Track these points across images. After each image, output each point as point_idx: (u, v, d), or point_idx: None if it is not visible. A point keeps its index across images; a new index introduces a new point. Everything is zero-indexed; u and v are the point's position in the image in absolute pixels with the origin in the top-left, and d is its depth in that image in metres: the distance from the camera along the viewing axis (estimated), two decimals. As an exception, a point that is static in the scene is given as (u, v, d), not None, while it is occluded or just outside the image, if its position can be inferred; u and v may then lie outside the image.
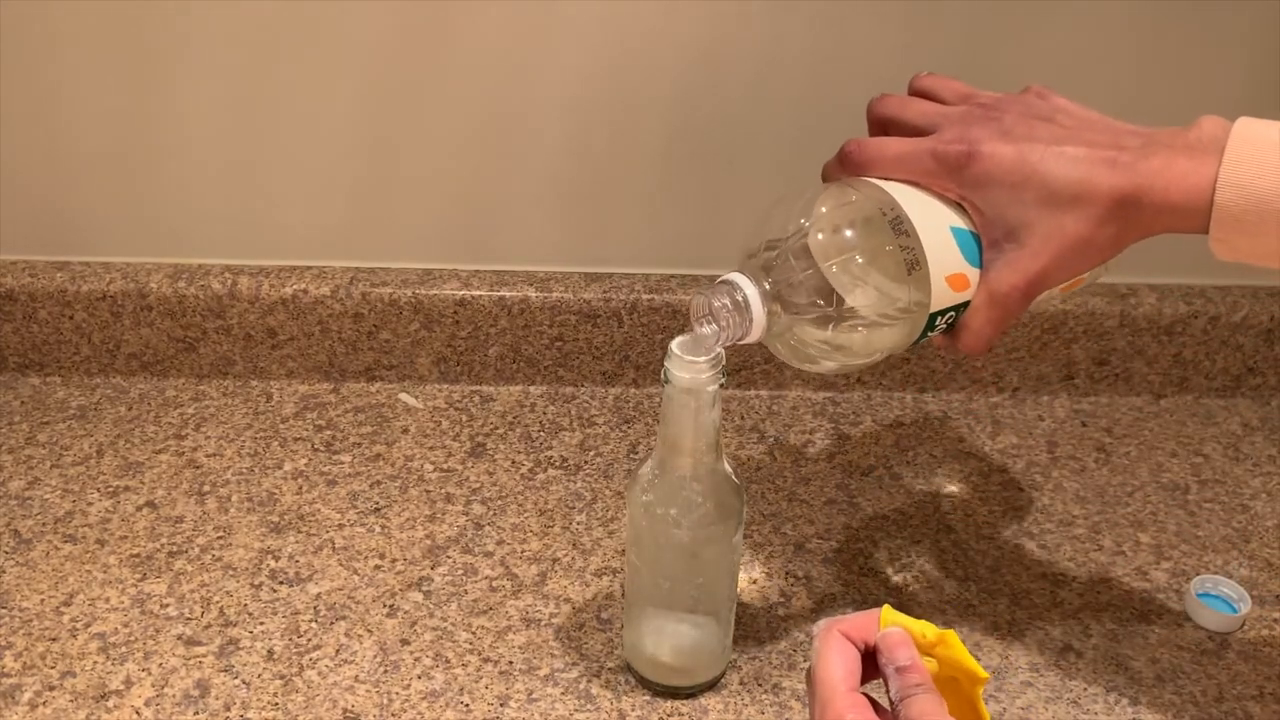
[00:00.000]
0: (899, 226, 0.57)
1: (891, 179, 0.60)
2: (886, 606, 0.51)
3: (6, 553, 0.77)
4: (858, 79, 0.84)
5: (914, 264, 0.57)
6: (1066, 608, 0.75)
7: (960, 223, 0.59)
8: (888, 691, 0.49)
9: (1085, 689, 0.70)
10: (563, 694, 0.68)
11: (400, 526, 0.80)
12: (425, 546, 0.78)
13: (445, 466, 0.86)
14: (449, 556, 0.78)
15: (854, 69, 0.84)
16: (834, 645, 0.49)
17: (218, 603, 0.74)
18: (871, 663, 0.50)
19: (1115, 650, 0.72)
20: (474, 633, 0.72)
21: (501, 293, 0.91)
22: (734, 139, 0.87)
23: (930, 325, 0.59)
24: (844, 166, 0.61)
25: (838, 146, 0.88)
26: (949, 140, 0.58)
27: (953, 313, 0.59)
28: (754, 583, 0.76)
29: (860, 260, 0.57)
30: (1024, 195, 0.56)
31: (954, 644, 0.51)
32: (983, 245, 0.58)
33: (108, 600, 0.74)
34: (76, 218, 0.91)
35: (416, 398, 0.93)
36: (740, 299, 0.57)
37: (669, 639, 0.67)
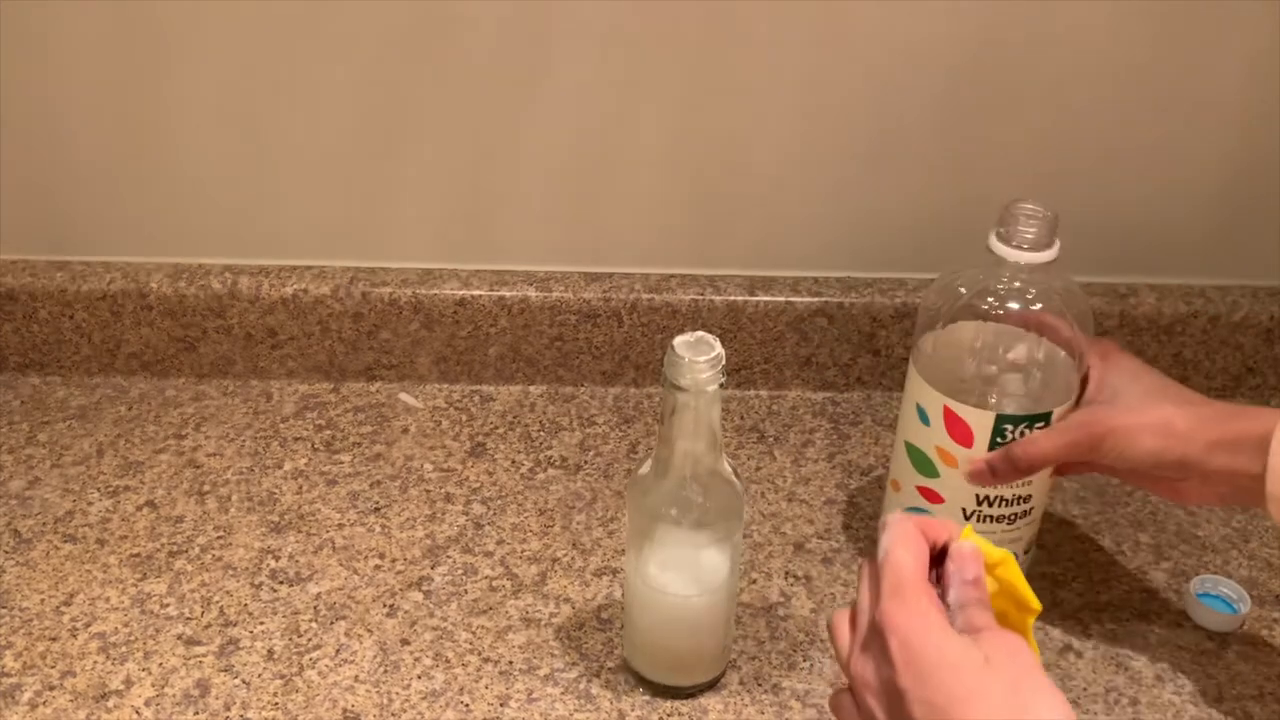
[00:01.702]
0: None
1: None
2: (969, 526, 0.52)
3: (6, 553, 0.77)
4: (857, 79, 0.85)
5: None
6: (1066, 608, 0.75)
7: None
8: (944, 596, 0.49)
9: (1085, 689, 0.70)
10: (563, 694, 0.68)
11: (400, 526, 0.80)
12: (425, 546, 0.79)
13: (445, 466, 0.86)
14: (449, 556, 0.78)
15: (853, 69, 0.84)
16: (911, 535, 0.50)
17: (218, 603, 0.74)
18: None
19: (1115, 650, 0.72)
20: (474, 633, 0.72)
21: (501, 292, 0.91)
22: (733, 139, 0.87)
23: None
24: None
25: (834, 146, 0.88)
26: None
27: None
28: (754, 583, 0.76)
29: None
30: None
31: (1013, 566, 0.51)
32: None
33: (108, 600, 0.74)
34: (76, 218, 0.91)
35: (416, 397, 0.93)
36: None
37: (669, 639, 0.67)
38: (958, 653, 0.46)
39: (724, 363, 0.59)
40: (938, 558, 0.51)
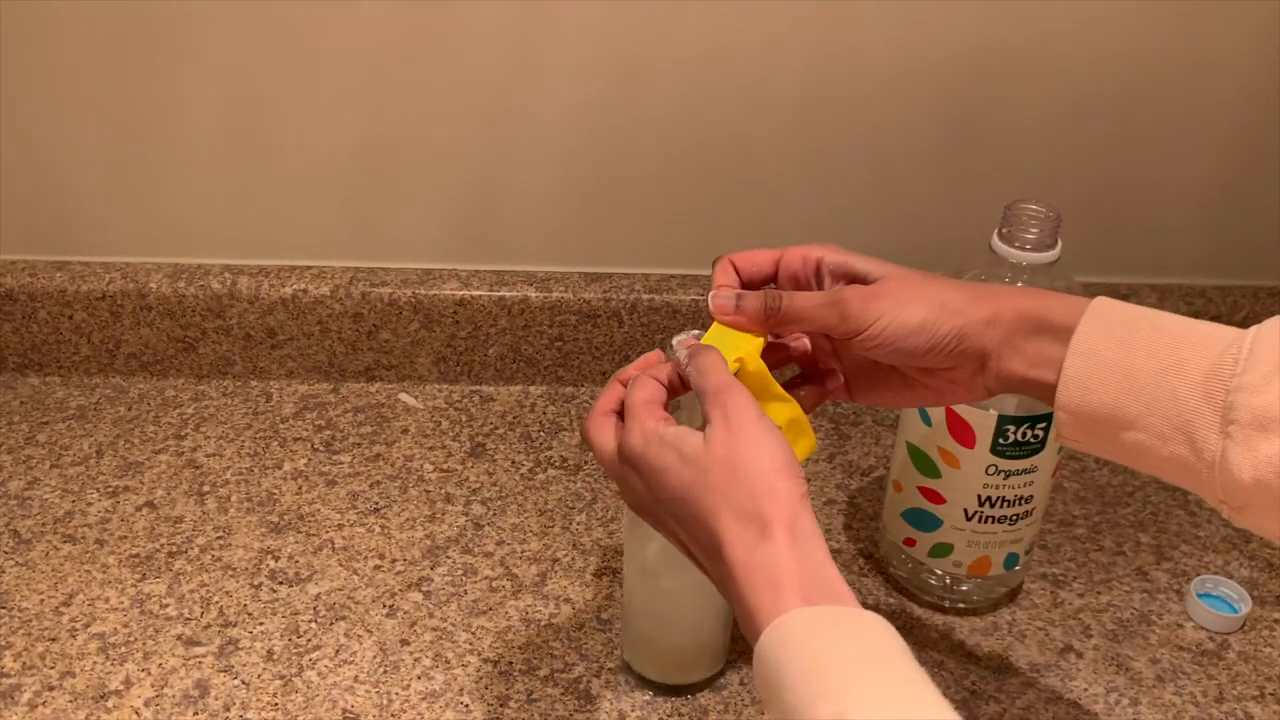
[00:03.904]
0: None
1: None
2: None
3: (6, 553, 0.77)
4: (856, 81, 0.85)
5: None
6: (1066, 608, 0.75)
7: None
8: (683, 381, 0.54)
9: (1085, 689, 0.70)
10: (563, 694, 0.68)
11: (400, 526, 0.80)
12: (425, 546, 0.78)
13: (445, 466, 0.86)
14: (449, 556, 0.78)
15: (852, 72, 0.84)
16: (640, 378, 0.54)
17: (217, 603, 0.74)
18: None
19: (1115, 650, 0.72)
20: (474, 633, 0.72)
21: (501, 293, 0.90)
22: (734, 139, 0.87)
23: None
24: None
25: (835, 147, 0.88)
26: None
27: None
28: (754, 583, 0.76)
29: None
30: None
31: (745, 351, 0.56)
32: None
33: (107, 600, 0.74)
34: (76, 218, 0.91)
35: (416, 398, 0.93)
36: None
37: (668, 638, 0.66)
38: (670, 449, 0.49)
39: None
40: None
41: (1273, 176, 0.89)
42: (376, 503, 0.82)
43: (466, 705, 0.67)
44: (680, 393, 0.55)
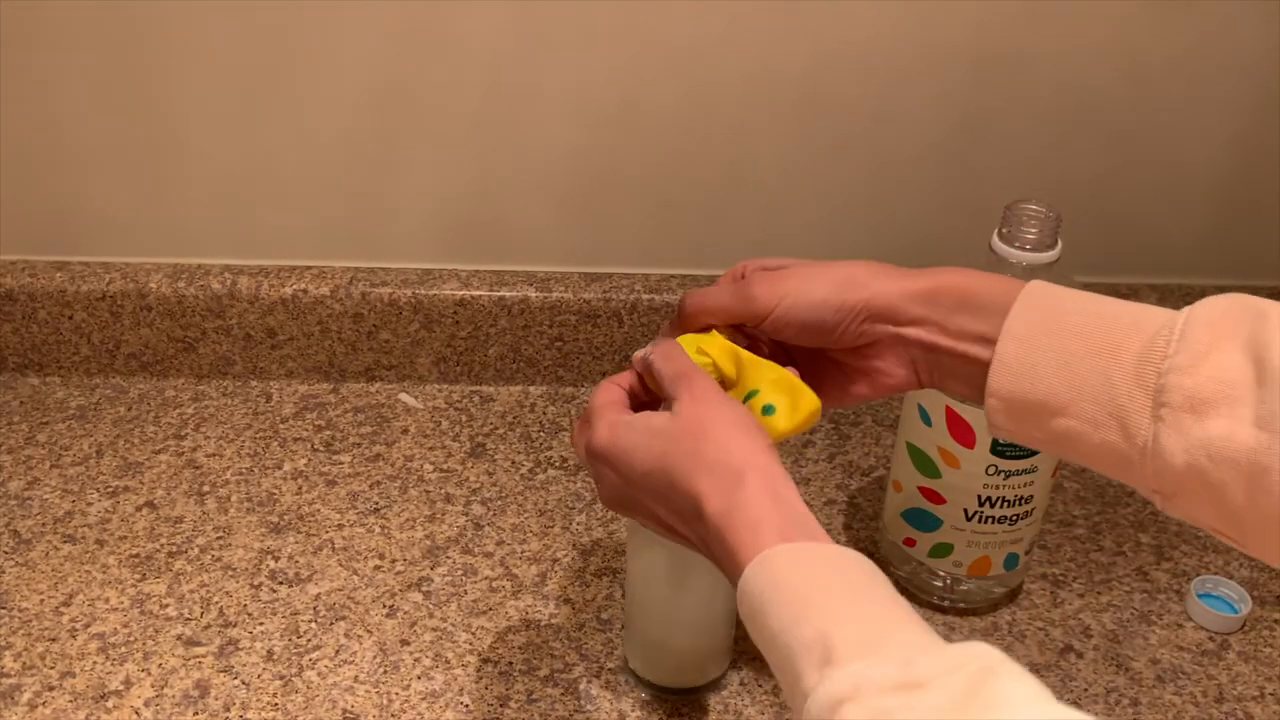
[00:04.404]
0: None
1: None
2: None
3: (6, 553, 0.77)
4: (856, 81, 0.85)
5: None
6: (1066, 608, 0.75)
7: None
8: (644, 386, 0.56)
9: (1085, 689, 0.70)
10: (563, 694, 0.68)
11: (400, 527, 0.80)
12: (425, 547, 0.78)
13: (445, 466, 0.86)
14: (449, 557, 0.78)
15: (852, 72, 0.84)
16: (600, 384, 0.55)
17: (217, 603, 0.74)
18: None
19: (1115, 650, 0.72)
20: (474, 633, 0.72)
21: (501, 293, 0.90)
22: (734, 140, 0.87)
23: None
24: None
25: (835, 147, 0.88)
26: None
27: None
28: (754, 583, 0.76)
29: None
30: None
31: (715, 339, 0.57)
32: None
33: (107, 600, 0.74)
34: (76, 218, 0.91)
35: (416, 398, 0.93)
36: None
37: (669, 639, 0.66)
38: (639, 429, 0.51)
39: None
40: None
41: (1273, 176, 0.89)
42: (376, 503, 0.82)
43: (466, 705, 0.67)
44: (641, 398, 0.56)
